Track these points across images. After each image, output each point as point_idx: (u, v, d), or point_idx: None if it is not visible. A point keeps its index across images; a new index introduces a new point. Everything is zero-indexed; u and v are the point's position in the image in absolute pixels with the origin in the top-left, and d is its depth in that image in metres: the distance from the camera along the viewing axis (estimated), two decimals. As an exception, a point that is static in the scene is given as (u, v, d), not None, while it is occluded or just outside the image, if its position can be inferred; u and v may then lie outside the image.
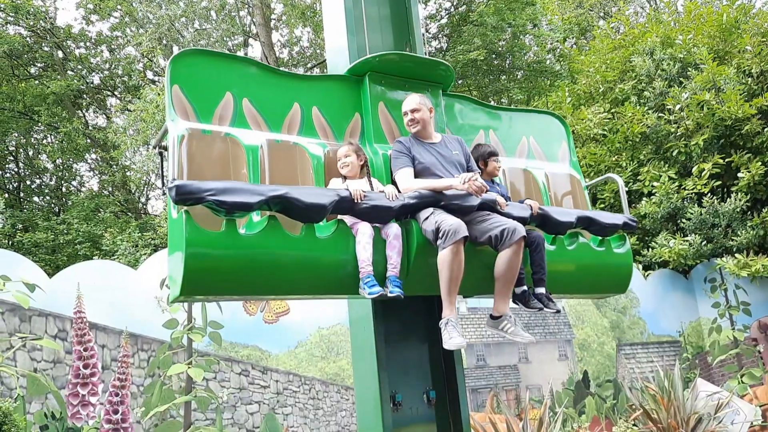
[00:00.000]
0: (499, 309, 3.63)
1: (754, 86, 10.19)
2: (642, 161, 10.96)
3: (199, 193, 2.99)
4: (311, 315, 7.53)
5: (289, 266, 3.28)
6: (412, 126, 3.97)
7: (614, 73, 12.11)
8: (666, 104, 10.59)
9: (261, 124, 3.76)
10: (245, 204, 3.07)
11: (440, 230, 3.38)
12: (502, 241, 3.48)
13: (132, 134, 15.46)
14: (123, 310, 6.53)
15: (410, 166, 3.81)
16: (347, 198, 3.38)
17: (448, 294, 3.39)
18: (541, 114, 5.16)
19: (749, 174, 9.60)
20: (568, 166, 5.01)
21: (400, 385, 4.01)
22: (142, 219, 17.41)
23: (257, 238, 3.19)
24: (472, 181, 3.61)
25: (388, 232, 3.52)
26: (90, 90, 19.51)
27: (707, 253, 9.96)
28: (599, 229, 4.27)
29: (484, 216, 3.66)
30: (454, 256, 3.34)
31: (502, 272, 3.54)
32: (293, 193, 3.20)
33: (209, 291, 3.23)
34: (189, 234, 3.03)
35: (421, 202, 3.59)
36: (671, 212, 10.36)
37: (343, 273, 3.42)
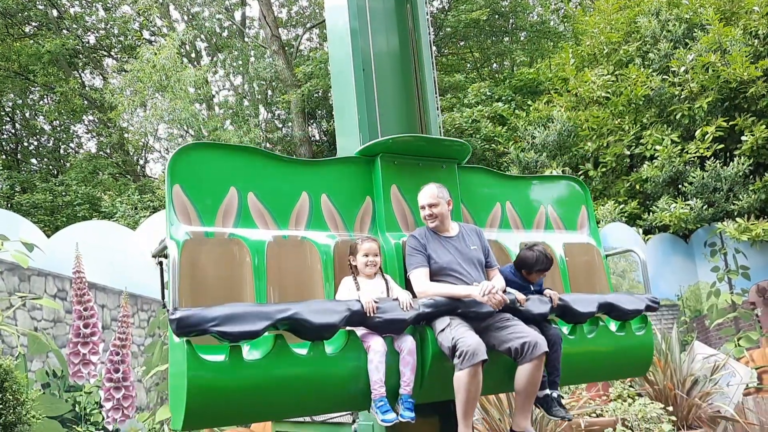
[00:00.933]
0: (520, 424, 3.48)
1: (760, 48, 10.02)
2: (645, 125, 10.85)
3: (203, 324, 2.84)
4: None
5: (296, 387, 3.14)
6: (429, 221, 3.76)
7: (619, 35, 11.91)
8: (671, 66, 10.43)
9: (267, 220, 3.58)
10: (251, 333, 2.91)
11: (458, 349, 3.21)
12: (522, 354, 3.33)
13: (129, 95, 15.29)
14: (122, 270, 6.52)
15: (426, 266, 3.62)
16: (359, 312, 3.22)
17: (464, 415, 3.24)
18: (561, 180, 5.03)
19: (753, 137, 9.51)
20: (587, 235, 4.86)
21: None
22: (140, 181, 17.35)
23: (263, 363, 3.04)
24: (492, 294, 3.42)
25: (402, 346, 3.36)
26: (86, 50, 19.23)
27: (708, 217, 9.93)
28: (620, 315, 4.12)
29: (504, 322, 3.51)
30: (472, 378, 3.17)
31: (522, 387, 3.39)
32: (302, 313, 3.04)
33: (212, 423, 3.12)
34: (191, 366, 2.88)
35: (437, 311, 3.44)
36: (673, 176, 10.29)
37: (354, 388, 3.28)
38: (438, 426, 3.92)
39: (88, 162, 17.21)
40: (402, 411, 3.24)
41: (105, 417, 6.13)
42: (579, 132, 11.48)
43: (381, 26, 4.49)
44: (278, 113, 20.11)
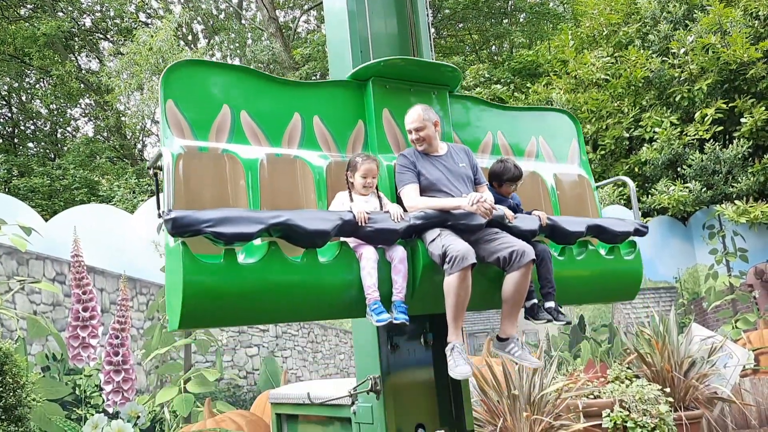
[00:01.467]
0: (507, 331, 3.61)
1: (761, 29, 9.95)
2: (644, 107, 10.81)
3: (197, 225, 2.89)
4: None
5: (291, 293, 3.20)
6: (417, 144, 3.82)
7: (618, 16, 11.82)
8: (670, 48, 10.37)
9: (260, 138, 3.62)
10: (245, 234, 2.97)
11: (447, 255, 3.29)
12: (510, 263, 3.41)
13: (126, 78, 15.20)
14: (120, 254, 6.52)
15: (415, 182, 3.69)
16: (350, 221, 3.28)
17: (454, 319, 3.34)
18: (552, 112, 5.03)
19: (752, 119, 9.48)
20: (577, 166, 4.89)
21: (397, 328, 4.03)
22: (138, 165, 17.30)
23: (257, 267, 3.10)
24: (481, 203, 3.48)
25: (393, 255, 3.43)
26: (81, 33, 19.09)
27: (707, 200, 9.93)
28: (609, 238, 4.19)
29: (492, 235, 3.58)
30: (461, 282, 3.26)
31: (509, 294, 3.49)
32: (295, 219, 3.10)
33: (208, 322, 3.16)
34: (186, 267, 2.94)
35: (428, 223, 3.50)
36: (672, 159, 10.27)
37: (348, 296, 3.36)
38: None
39: (86, 146, 17.15)
40: (396, 314, 3.32)
41: (105, 400, 6.17)
42: (578, 114, 11.44)
43: (379, 8, 4.45)
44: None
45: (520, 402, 6.24)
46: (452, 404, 4.10)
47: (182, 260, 2.94)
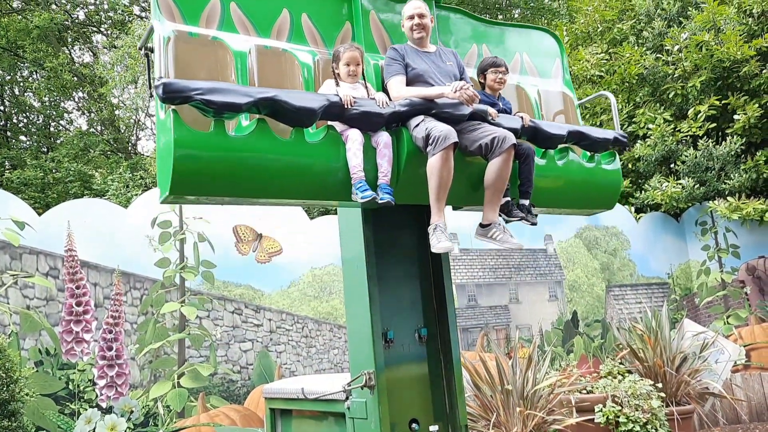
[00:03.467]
0: (489, 217, 3.70)
1: (754, 27, 9.98)
2: (638, 103, 10.84)
3: (187, 91, 2.95)
4: (304, 255, 7.54)
5: (278, 170, 3.27)
6: (416, 31, 3.92)
7: (613, 13, 11.83)
8: (664, 45, 10.39)
9: (249, 29, 3.68)
10: (234, 104, 3.03)
11: (430, 136, 3.39)
12: (492, 149, 3.52)
13: (120, 71, 15.12)
14: (114, 248, 6.51)
15: (403, 74, 3.78)
16: (337, 103, 3.35)
17: (436, 200, 3.44)
18: (536, 30, 5.11)
19: (745, 116, 9.52)
20: (561, 83, 4.99)
21: (392, 323, 4.05)
22: (132, 159, 17.23)
23: (246, 140, 3.17)
24: (464, 90, 3.60)
25: (379, 140, 3.52)
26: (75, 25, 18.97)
27: (700, 196, 9.98)
28: (590, 144, 4.29)
29: (475, 126, 3.67)
30: (444, 162, 3.36)
31: (491, 181, 3.59)
32: (283, 96, 3.17)
33: (197, 191, 3.18)
34: (177, 133, 2.99)
35: (412, 110, 3.58)
36: (665, 155, 10.31)
37: (334, 179, 3.43)
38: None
39: (80, 139, 17.06)
40: (381, 195, 3.41)
41: (98, 394, 6.16)
42: (572, 110, 11.44)
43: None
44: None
45: (513, 397, 6.28)
46: (446, 399, 4.12)
47: (173, 127, 2.98)
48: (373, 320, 3.90)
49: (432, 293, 4.27)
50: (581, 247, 9.58)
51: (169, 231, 6.82)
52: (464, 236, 8.47)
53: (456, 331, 4.26)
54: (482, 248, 8.63)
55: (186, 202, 3.43)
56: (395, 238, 4.20)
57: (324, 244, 7.55)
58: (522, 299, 8.82)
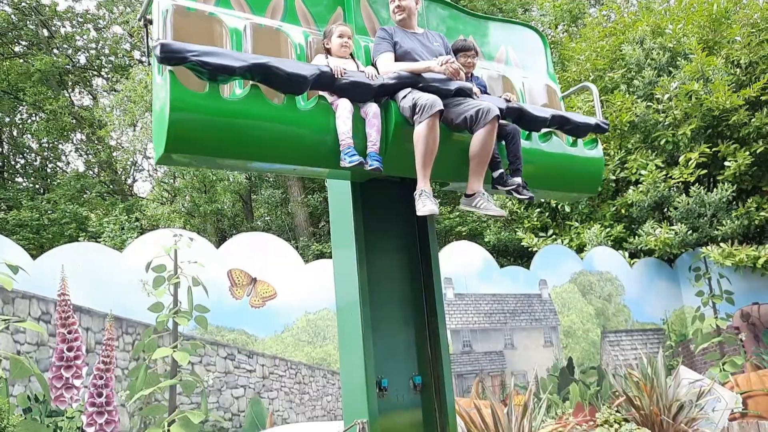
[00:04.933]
0: (473, 187, 3.76)
1: (742, 77, 10.22)
2: (630, 149, 10.99)
3: (184, 52, 3.06)
4: (298, 300, 7.52)
5: (270, 133, 3.37)
6: (398, 13, 4.12)
7: (604, 62, 12.10)
8: (655, 93, 10.60)
9: (244, 7, 3.82)
10: (228, 67, 3.14)
11: (417, 105, 3.51)
12: (476, 120, 3.61)
13: (119, 114, 15.30)
14: (107, 293, 6.48)
15: (391, 51, 3.94)
16: (328, 73, 3.48)
17: (423, 167, 3.53)
18: (521, 26, 5.31)
19: (736, 164, 9.66)
20: (545, 76, 5.15)
21: (386, 371, 4.04)
22: (128, 201, 17.28)
23: (239, 103, 3.28)
24: (450, 63, 3.78)
25: (367, 110, 3.62)
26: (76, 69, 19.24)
27: (693, 242, 10.04)
28: (573, 129, 4.43)
29: (460, 100, 3.79)
30: (430, 130, 3.47)
31: (476, 151, 3.67)
32: (275, 62, 3.30)
33: (191, 149, 3.25)
34: (173, 92, 3.09)
35: (400, 83, 3.69)
36: (658, 201, 10.41)
37: (323, 146, 3.52)
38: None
39: (76, 180, 17.14)
40: (370, 162, 3.51)
41: (87, 442, 6.05)
42: (565, 156, 11.58)
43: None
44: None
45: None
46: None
47: (169, 86, 3.09)
48: (367, 368, 3.88)
49: (426, 339, 4.27)
50: (576, 292, 9.58)
51: (163, 275, 6.81)
52: (459, 282, 8.47)
53: (450, 378, 4.24)
54: (477, 293, 8.62)
55: (180, 163, 3.50)
56: (390, 282, 4.22)
57: (318, 288, 7.54)
58: (517, 345, 8.77)
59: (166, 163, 3.38)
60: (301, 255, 8.05)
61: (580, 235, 10.85)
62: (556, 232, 11.52)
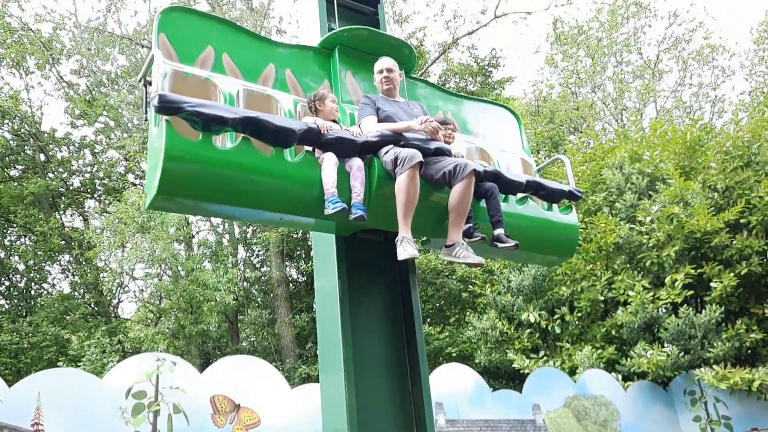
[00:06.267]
0: (452, 238, 3.91)
1: (720, 201, 10.55)
2: (616, 270, 11.09)
3: (180, 103, 3.28)
4: (283, 427, 7.22)
5: (258, 182, 3.54)
6: (385, 83, 4.43)
7: (586, 185, 12.50)
8: (637, 216, 10.87)
9: (238, 75, 4.13)
10: (221, 118, 3.36)
11: (398, 158, 3.76)
12: (455, 175, 3.83)
13: (109, 236, 15.37)
14: (85, 422, 6.21)
15: (374, 115, 4.22)
16: (314, 130, 3.72)
17: (404, 216, 3.74)
18: (496, 106, 5.64)
19: (721, 285, 9.74)
20: (520, 150, 5.42)
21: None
22: (111, 323, 16.97)
23: (231, 153, 3.48)
24: (429, 123, 4.05)
25: (352, 164, 3.83)
26: (69, 192, 19.54)
27: (685, 364, 9.90)
28: (547, 194, 4.63)
29: (440, 159, 4.02)
30: (411, 180, 3.70)
31: (455, 204, 3.86)
32: (266, 116, 3.53)
33: (183, 193, 3.39)
34: (169, 139, 3.28)
35: (383, 140, 3.94)
36: (648, 322, 10.37)
37: (309, 197, 3.70)
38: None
39: (60, 302, 16.89)
40: (354, 211, 3.67)
41: None
42: (553, 276, 11.68)
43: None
44: (257, 251, 20.23)
45: None
46: None
47: (165, 134, 3.29)
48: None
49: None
50: (570, 417, 9.28)
51: (143, 402, 6.57)
52: (450, 407, 8.22)
53: None
54: (469, 419, 8.33)
55: (171, 208, 3.62)
56: (380, 409, 4.09)
57: (304, 418, 7.26)
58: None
59: (157, 207, 3.51)
60: (287, 377, 7.84)
61: (572, 357, 10.69)
62: (548, 354, 11.34)
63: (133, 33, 18.07)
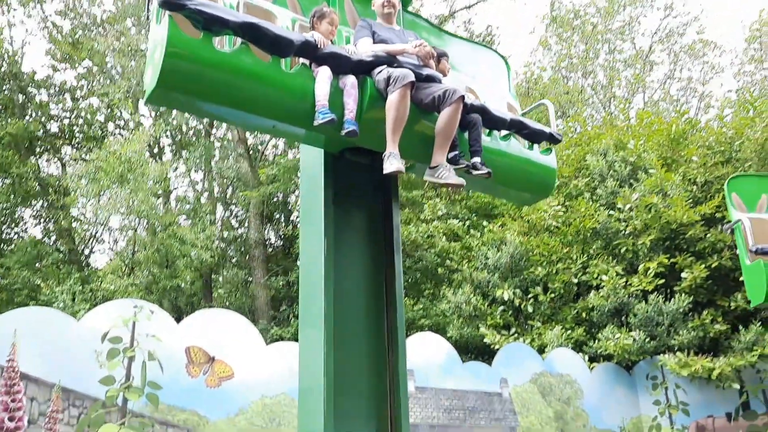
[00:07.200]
0: (437, 160, 4.03)
1: (698, 194, 10.76)
2: (592, 255, 11.29)
3: (183, 0, 3.35)
4: (256, 382, 7.30)
5: (254, 86, 3.61)
6: (386, 8, 4.54)
7: (570, 170, 12.63)
8: (616, 203, 11.04)
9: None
10: (222, 19, 3.45)
11: (391, 77, 3.84)
12: (444, 100, 3.94)
13: (86, 183, 15.16)
14: (59, 362, 6.21)
15: (370, 38, 4.31)
16: (312, 42, 3.79)
17: (393, 132, 3.85)
18: (488, 49, 5.83)
19: (692, 276, 9.98)
20: (507, 94, 5.56)
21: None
22: (84, 271, 16.84)
23: (229, 55, 3.56)
24: (422, 46, 4.19)
25: (346, 81, 3.89)
26: (48, 137, 19.17)
27: (650, 349, 10.17)
28: (529, 134, 4.74)
29: (430, 84, 4.12)
30: (402, 98, 3.80)
31: (442, 127, 3.99)
32: (266, 23, 3.62)
33: (182, 88, 3.48)
34: (171, 33, 3.36)
35: (377, 60, 4.02)
36: (618, 307, 10.61)
37: (301, 107, 3.75)
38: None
39: (33, 247, 16.68)
40: (347, 126, 3.74)
41: None
42: (530, 257, 11.85)
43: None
44: (236, 212, 20.13)
45: None
46: None
47: (168, 29, 3.35)
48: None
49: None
50: (536, 393, 9.52)
51: (118, 347, 6.58)
52: (420, 374, 8.37)
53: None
54: (438, 387, 8.50)
55: (168, 102, 3.74)
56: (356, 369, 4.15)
57: (278, 370, 7.35)
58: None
59: (155, 101, 3.58)
60: (262, 332, 7.89)
61: (542, 336, 10.91)
62: (518, 331, 11.56)
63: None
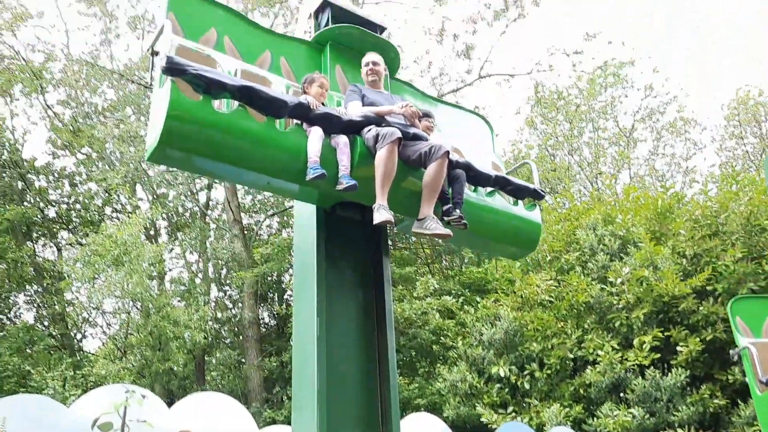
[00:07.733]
0: (424, 212, 4.22)
1: (688, 267, 10.87)
2: (586, 329, 11.26)
3: (185, 66, 3.61)
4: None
5: (250, 145, 3.85)
6: (370, 75, 4.80)
7: (560, 244, 12.79)
8: (608, 277, 11.13)
9: (237, 56, 4.50)
10: (221, 83, 3.70)
11: (379, 135, 4.09)
12: (430, 155, 4.16)
13: (81, 267, 15.19)
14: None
15: (359, 101, 4.56)
16: (304, 104, 4.03)
17: (382, 186, 4.06)
18: (471, 113, 6.04)
19: (687, 349, 9.95)
20: (492, 154, 5.76)
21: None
22: (75, 357, 16.62)
23: (227, 115, 3.82)
24: (409, 107, 4.46)
25: (338, 141, 4.14)
26: (44, 222, 19.34)
27: (651, 427, 10.00)
28: (513, 190, 4.93)
29: (416, 141, 4.36)
30: (390, 154, 4.02)
31: (428, 182, 4.20)
32: (261, 87, 3.89)
33: (182, 147, 3.70)
34: (173, 96, 3.59)
35: (366, 121, 4.28)
36: (615, 382, 10.50)
37: (295, 165, 3.98)
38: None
39: (25, 332, 16.53)
40: (346, 182, 3.98)
41: None
42: (525, 332, 11.82)
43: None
44: (230, 293, 20.08)
45: None
46: None
47: (170, 92, 3.59)
48: None
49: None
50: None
51: (108, 435, 6.47)
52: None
53: None
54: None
55: (168, 162, 3.94)
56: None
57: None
58: None
59: (156, 160, 3.80)
60: (254, 416, 7.77)
61: (540, 414, 10.74)
62: (516, 410, 11.37)
63: (123, 69, 18.27)
